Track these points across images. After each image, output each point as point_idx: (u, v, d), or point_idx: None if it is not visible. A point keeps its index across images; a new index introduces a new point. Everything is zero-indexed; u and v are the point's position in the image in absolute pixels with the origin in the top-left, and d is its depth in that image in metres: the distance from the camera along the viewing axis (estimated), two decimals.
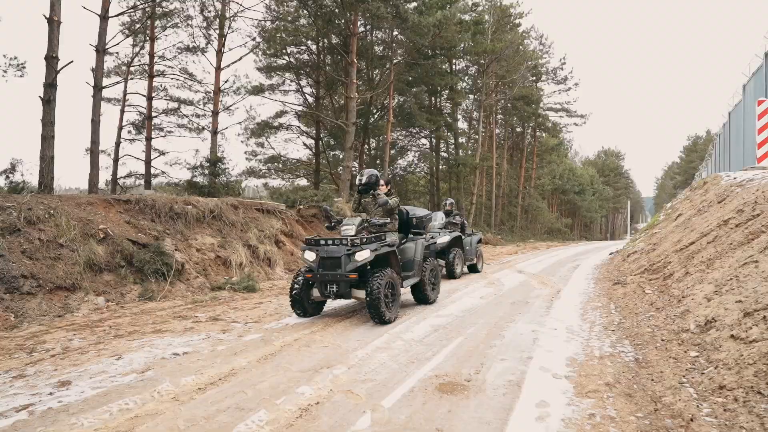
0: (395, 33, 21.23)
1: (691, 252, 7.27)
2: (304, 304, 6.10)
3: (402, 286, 6.25)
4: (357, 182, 6.54)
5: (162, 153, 19.67)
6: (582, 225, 57.83)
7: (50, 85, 9.66)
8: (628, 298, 7.06)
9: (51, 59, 9.63)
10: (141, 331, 5.51)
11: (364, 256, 5.64)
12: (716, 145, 22.70)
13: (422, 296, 6.98)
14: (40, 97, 9.67)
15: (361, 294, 5.79)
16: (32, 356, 4.52)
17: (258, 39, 17.91)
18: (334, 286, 5.75)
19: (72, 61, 9.85)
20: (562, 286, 9.12)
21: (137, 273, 7.66)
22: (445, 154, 29.80)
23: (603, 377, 3.88)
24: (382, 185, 6.84)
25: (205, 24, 16.79)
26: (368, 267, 5.93)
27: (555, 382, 3.81)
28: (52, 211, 7.25)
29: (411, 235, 7.11)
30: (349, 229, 6.01)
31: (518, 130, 40.26)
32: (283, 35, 19.35)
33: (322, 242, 5.83)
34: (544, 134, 41.35)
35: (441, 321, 6.03)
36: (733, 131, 18.42)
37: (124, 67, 19.26)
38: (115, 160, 18.92)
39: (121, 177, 19.11)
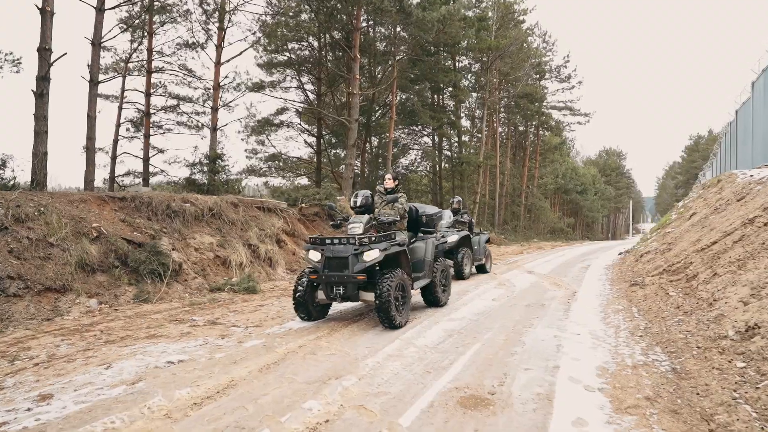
0: (398, 29, 20.88)
1: (715, 252, 6.90)
2: (309, 307, 5.72)
3: (412, 288, 5.87)
4: (351, 204, 6.05)
5: (161, 151, 19.31)
6: (584, 225, 57.41)
7: (43, 78, 9.29)
8: (650, 300, 6.69)
9: (44, 51, 9.27)
10: (134, 336, 5.14)
11: (372, 256, 5.26)
12: (722, 144, 22.30)
13: (433, 298, 6.60)
14: (32, 90, 9.30)
15: (370, 296, 5.42)
16: (14, 365, 4.15)
17: (258, 34, 17.52)
18: (341, 288, 5.37)
19: (65, 53, 9.48)
20: (576, 287, 8.74)
21: (132, 273, 7.29)
22: (448, 153, 29.44)
23: (641, 390, 3.51)
24: (389, 179, 6.41)
25: (204, 18, 16.40)
26: (377, 268, 5.56)
27: (589, 396, 3.45)
28: (42, 209, 6.88)
29: (420, 234, 6.74)
30: (356, 227, 5.63)
31: (521, 128, 39.87)
32: (285, 31, 18.97)
33: (328, 241, 5.45)
34: (546, 133, 40.95)
35: (454, 325, 5.66)
36: (740, 129, 18.02)
37: (122, 64, 18.88)
38: (113, 158, 18.54)
39: (119, 175, 18.75)
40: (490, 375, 3.90)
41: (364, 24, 19.35)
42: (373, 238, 5.35)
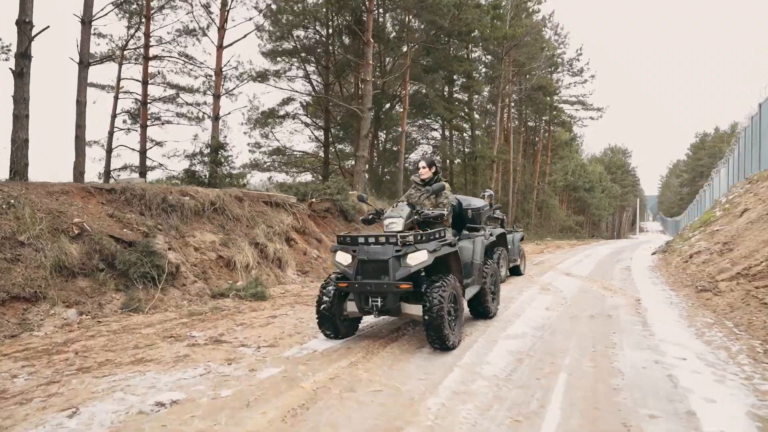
0: (410, 17, 19.75)
1: None
2: (336, 322, 4.59)
3: (464, 297, 4.74)
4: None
5: (159, 144, 18.21)
6: (590, 223, 56.18)
7: (23, 55, 8.16)
8: (743, 311, 5.56)
9: (23, 24, 8.14)
10: (116, 360, 4.03)
11: (420, 259, 4.14)
12: (740, 140, 21.16)
13: (483, 309, 5.47)
14: (11, 69, 8.18)
15: (416, 310, 4.27)
16: None
17: (263, 19, 16.41)
18: (379, 300, 4.24)
19: (48, 27, 8.34)
20: (633, 293, 7.61)
21: (120, 278, 6.17)
22: (459, 147, 28.28)
23: None
24: (424, 168, 5.20)
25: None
26: (422, 273, 4.41)
27: None
28: (12, 201, 5.77)
29: (466, 232, 5.61)
30: (395, 222, 4.49)
31: (530, 124, 38.70)
32: (290, 17, 17.86)
33: (362, 240, 4.32)
34: (557, 129, 39.76)
35: (516, 345, 4.54)
36: (764, 124, 16.94)
37: (118, 51, 17.74)
38: (108, 151, 17.46)
39: (114, 169, 17.67)
40: (607, 427, 2.78)
41: (374, 10, 18.22)
42: (420, 237, 4.23)
